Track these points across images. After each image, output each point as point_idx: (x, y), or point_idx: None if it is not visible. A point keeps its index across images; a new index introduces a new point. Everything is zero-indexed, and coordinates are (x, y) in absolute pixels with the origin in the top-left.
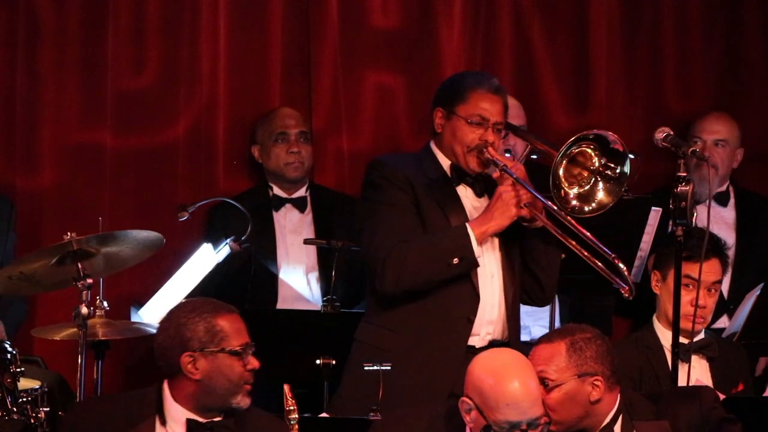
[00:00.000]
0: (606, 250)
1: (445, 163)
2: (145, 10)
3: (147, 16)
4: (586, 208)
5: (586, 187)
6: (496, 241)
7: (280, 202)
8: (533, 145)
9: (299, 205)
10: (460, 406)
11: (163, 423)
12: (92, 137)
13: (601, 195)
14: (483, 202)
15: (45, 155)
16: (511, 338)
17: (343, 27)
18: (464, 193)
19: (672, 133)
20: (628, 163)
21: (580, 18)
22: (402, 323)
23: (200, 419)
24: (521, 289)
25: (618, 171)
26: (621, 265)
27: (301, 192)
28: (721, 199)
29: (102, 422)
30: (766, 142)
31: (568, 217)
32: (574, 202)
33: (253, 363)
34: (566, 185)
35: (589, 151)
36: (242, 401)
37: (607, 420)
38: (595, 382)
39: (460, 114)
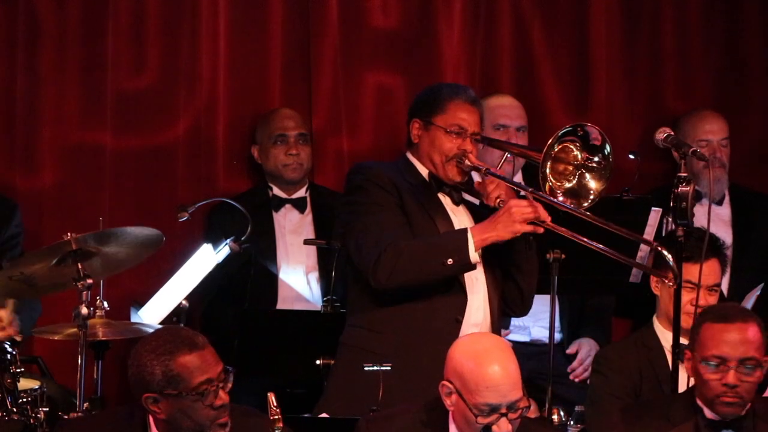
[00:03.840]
0: (644, 238)
1: (424, 172)
2: (145, 10)
3: (147, 16)
4: (585, 203)
5: (574, 181)
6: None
7: (279, 203)
8: (510, 152)
9: (299, 205)
10: (440, 390)
11: None
12: (92, 137)
13: (592, 184)
14: (460, 210)
15: (45, 155)
16: None
17: (343, 27)
18: (443, 200)
19: (672, 133)
20: (608, 147)
21: (580, 18)
22: (389, 325)
23: None
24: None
25: (598, 159)
26: (665, 252)
27: (301, 192)
28: (718, 198)
29: None
30: (766, 142)
31: (584, 211)
32: (568, 203)
33: (222, 398)
34: (555, 183)
35: (571, 146)
36: None
37: None
38: None
39: (439, 124)
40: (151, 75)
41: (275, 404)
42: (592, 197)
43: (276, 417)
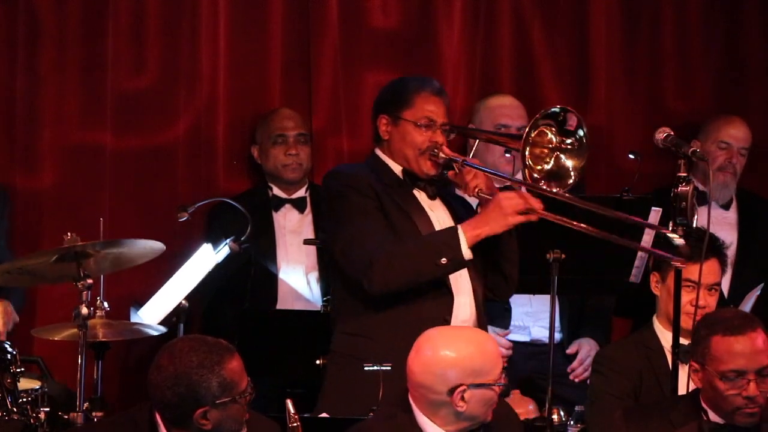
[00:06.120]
0: (632, 216)
1: (397, 168)
2: (145, 10)
3: (147, 16)
4: (569, 182)
5: (551, 163)
6: None
7: (279, 203)
8: (480, 138)
9: (299, 205)
10: (454, 399)
11: None
12: (92, 137)
13: (570, 164)
14: (436, 204)
15: (45, 155)
16: None
17: (343, 27)
18: (418, 196)
19: (672, 133)
20: (582, 129)
21: (580, 18)
22: (377, 329)
23: None
24: (485, 287)
25: (572, 142)
26: (665, 232)
27: (301, 192)
28: (724, 203)
29: None
30: (766, 143)
31: (566, 194)
32: (552, 188)
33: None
34: (535, 167)
35: (546, 130)
36: None
37: None
38: None
39: (408, 118)
40: (151, 75)
41: (294, 411)
42: (573, 176)
43: (295, 424)
